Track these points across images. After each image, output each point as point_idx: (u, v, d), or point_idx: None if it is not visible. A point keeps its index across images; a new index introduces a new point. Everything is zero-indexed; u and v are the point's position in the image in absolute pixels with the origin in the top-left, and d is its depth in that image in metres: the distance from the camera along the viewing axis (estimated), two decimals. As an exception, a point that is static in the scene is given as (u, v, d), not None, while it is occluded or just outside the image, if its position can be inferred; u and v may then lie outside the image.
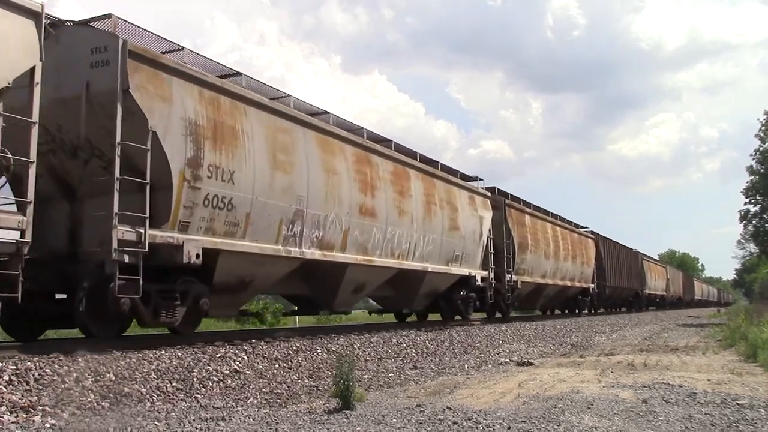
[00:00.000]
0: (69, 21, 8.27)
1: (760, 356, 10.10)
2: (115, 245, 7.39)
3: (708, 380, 8.30)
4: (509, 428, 5.28)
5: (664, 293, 48.49)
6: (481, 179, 18.58)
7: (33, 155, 6.67)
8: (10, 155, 6.44)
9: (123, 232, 7.50)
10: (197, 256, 8.38)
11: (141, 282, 7.62)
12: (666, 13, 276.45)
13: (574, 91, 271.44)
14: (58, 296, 8.63)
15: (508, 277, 19.12)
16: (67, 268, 8.18)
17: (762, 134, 32.22)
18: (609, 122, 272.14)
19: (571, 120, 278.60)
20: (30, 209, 6.62)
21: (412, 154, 14.91)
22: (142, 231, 7.68)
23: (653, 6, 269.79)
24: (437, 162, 16.15)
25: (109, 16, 8.13)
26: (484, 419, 5.56)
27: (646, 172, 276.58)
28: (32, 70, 6.77)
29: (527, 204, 22.47)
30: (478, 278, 17.09)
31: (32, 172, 6.73)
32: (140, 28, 8.60)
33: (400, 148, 14.47)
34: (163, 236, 8.03)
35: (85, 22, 8.26)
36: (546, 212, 24.24)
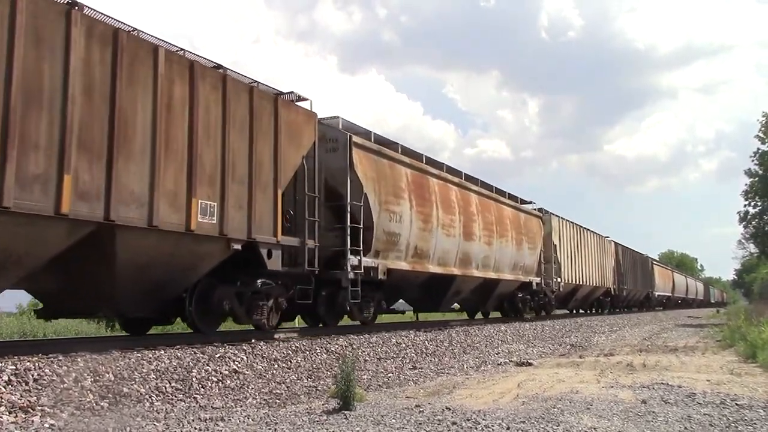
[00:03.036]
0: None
1: (760, 357, 10.11)
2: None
3: (707, 381, 8.31)
4: (508, 428, 5.28)
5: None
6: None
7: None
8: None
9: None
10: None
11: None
12: (662, 13, 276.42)
13: (570, 90, 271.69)
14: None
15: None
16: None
17: (762, 135, 32.22)
18: (606, 122, 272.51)
19: (567, 120, 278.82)
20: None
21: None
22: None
23: (649, 6, 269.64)
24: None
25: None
26: (483, 419, 5.56)
27: (643, 172, 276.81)
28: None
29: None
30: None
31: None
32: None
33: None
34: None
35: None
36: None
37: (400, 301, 17.25)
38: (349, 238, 11.55)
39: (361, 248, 11.74)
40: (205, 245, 8.65)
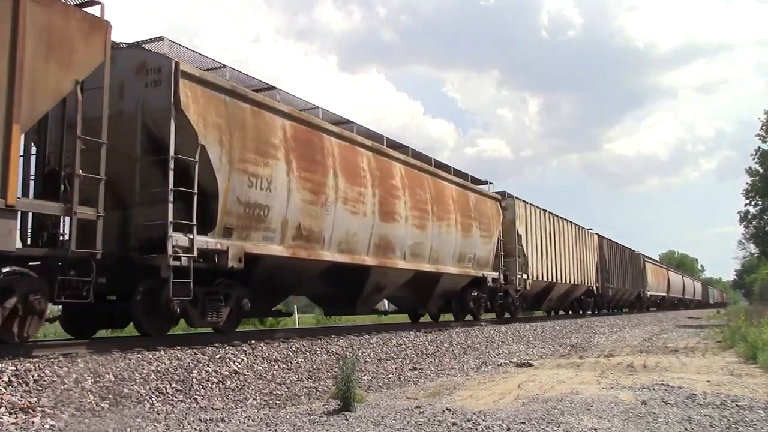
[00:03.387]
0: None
1: (760, 358, 10.10)
2: None
3: (707, 382, 8.30)
4: (509, 429, 5.28)
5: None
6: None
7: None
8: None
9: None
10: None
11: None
12: (662, 12, 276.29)
13: (570, 90, 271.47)
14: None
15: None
16: None
17: (762, 134, 32.22)
18: (606, 121, 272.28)
19: (567, 119, 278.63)
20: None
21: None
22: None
23: (649, 5, 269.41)
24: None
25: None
26: (483, 420, 5.56)
27: (643, 171, 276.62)
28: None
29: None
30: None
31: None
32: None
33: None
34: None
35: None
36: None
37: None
38: (171, 207, 8.23)
39: (194, 224, 8.45)
40: None
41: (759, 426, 5.54)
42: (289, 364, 8.65)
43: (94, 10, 7.58)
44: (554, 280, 23.20)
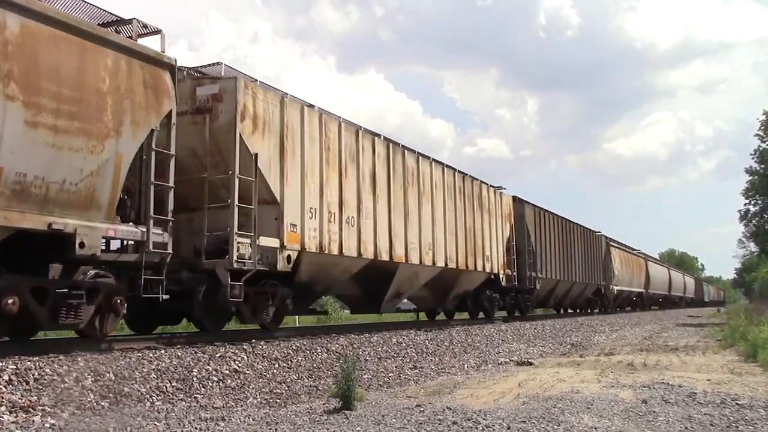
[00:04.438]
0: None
1: (760, 356, 10.10)
2: None
3: (708, 380, 8.31)
4: (509, 428, 5.28)
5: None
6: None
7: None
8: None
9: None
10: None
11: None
12: (660, 12, 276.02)
13: (568, 89, 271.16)
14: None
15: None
16: None
17: (761, 134, 32.25)
18: (605, 121, 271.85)
19: (566, 119, 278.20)
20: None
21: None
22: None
23: (648, 5, 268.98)
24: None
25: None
26: (483, 419, 5.56)
27: (642, 171, 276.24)
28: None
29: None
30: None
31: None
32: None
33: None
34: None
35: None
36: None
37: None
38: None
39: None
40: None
41: (759, 425, 5.54)
42: (290, 362, 8.65)
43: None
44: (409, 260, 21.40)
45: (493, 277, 18.12)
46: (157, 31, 8.37)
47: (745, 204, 35.15)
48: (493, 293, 18.69)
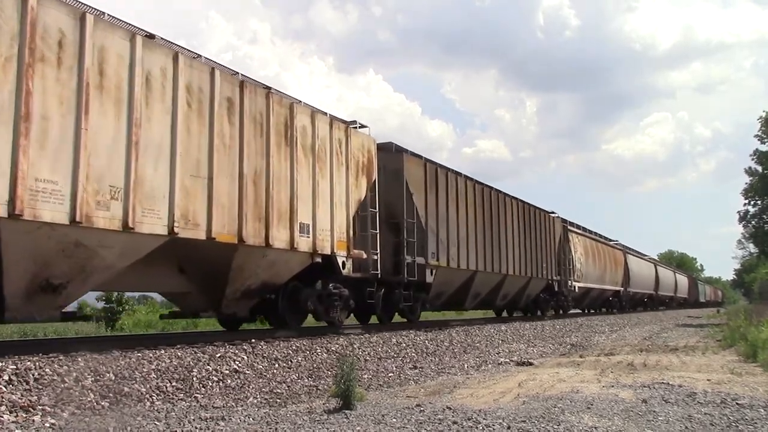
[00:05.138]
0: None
1: (760, 356, 10.11)
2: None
3: (708, 380, 8.31)
4: (509, 428, 5.28)
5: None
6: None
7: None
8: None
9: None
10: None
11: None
12: (659, 13, 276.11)
13: (567, 90, 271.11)
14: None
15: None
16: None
17: (761, 135, 32.27)
18: (604, 122, 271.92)
19: (565, 119, 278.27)
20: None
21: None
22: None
23: (646, 5, 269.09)
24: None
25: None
26: (483, 419, 5.56)
27: (642, 172, 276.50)
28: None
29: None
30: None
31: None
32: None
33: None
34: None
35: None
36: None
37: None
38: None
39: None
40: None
41: (759, 424, 5.54)
42: (290, 362, 8.65)
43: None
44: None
45: (321, 260, 11.29)
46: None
47: (745, 205, 35.18)
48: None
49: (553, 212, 24.83)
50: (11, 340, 13.28)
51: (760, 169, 32.84)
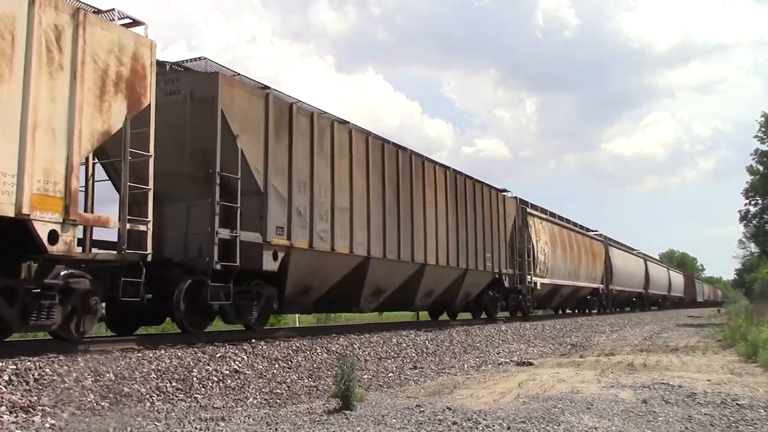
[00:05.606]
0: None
1: (760, 356, 10.10)
2: None
3: (708, 380, 8.31)
4: (509, 428, 5.28)
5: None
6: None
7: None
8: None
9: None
10: None
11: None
12: (658, 12, 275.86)
13: (567, 89, 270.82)
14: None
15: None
16: None
17: (761, 135, 32.26)
18: (603, 121, 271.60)
19: (565, 119, 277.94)
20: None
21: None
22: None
23: (646, 5, 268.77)
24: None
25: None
26: (483, 419, 5.56)
27: (641, 171, 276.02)
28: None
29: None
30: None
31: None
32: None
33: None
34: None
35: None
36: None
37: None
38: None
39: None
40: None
41: (759, 425, 5.54)
42: (290, 363, 8.65)
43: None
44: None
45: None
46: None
47: (746, 204, 35.18)
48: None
49: (505, 190, 20.58)
50: (11, 340, 13.28)
51: (761, 168, 32.83)
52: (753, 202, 34.54)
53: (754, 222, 35.56)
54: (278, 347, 9.08)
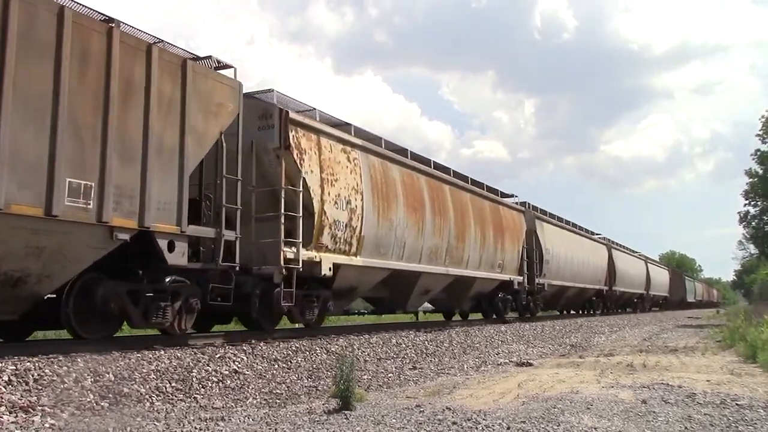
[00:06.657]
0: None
1: (760, 357, 10.11)
2: None
3: (707, 381, 8.31)
4: (509, 428, 5.28)
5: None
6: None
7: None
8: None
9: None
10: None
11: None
12: (657, 14, 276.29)
13: (565, 91, 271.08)
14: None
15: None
16: None
17: (762, 134, 32.27)
18: (602, 123, 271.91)
19: (563, 121, 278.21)
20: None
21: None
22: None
23: (644, 6, 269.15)
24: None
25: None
26: (483, 420, 5.56)
27: (640, 172, 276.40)
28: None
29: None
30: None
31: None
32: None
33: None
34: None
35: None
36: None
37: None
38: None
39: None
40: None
41: (759, 425, 5.54)
42: (289, 363, 8.65)
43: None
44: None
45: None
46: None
47: (745, 206, 35.17)
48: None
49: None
50: (10, 341, 13.27)
51: (760, 171, 32.83)
52: (752, 204, 34.54)
53: (753, 223, 35.55)
54: (278, 348, 9.07)
